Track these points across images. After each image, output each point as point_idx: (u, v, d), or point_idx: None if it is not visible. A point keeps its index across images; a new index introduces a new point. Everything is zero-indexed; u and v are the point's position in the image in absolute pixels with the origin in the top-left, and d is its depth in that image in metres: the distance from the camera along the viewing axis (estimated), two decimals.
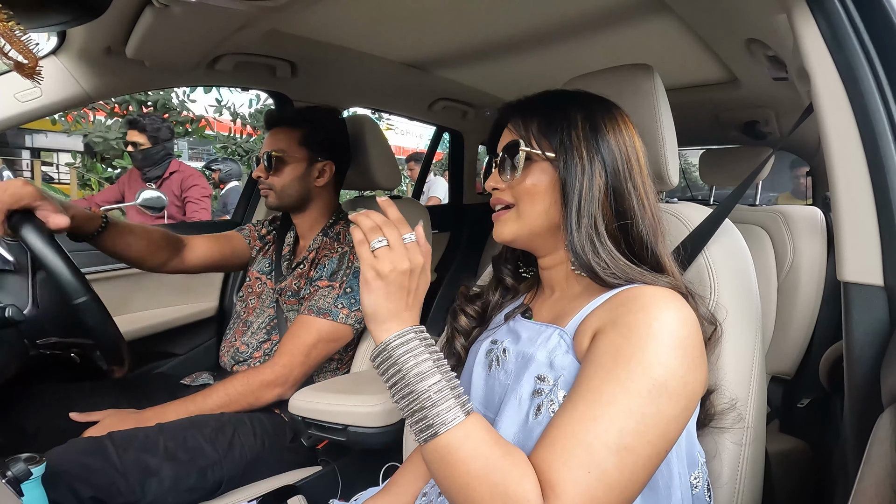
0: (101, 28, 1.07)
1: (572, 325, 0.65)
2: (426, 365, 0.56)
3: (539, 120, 0.69)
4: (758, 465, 0.73)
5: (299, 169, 1.33)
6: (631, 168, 0.67)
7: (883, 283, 0.61)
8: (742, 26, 1.14)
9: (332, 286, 1.23)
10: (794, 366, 1.63)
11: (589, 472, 0.51)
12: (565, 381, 0.61)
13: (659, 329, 0.56)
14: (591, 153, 0.66)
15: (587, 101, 0.71)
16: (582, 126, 0.67)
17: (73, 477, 0.89)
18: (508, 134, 0.72)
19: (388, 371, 0.57)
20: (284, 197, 1.33)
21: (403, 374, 0.56)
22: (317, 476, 1.17)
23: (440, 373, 0.56)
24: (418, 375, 0.55)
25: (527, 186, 0.69)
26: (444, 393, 0.55)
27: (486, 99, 2.02)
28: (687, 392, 0.56)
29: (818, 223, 1.66)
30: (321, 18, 1.26)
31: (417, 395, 0.55)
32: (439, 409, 0.54)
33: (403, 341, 0.57)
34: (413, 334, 0.58)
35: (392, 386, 0.57)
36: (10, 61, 0.62)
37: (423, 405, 0.55)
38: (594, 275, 0.64)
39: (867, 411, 0.57)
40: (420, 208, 1.54)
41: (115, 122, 5.62)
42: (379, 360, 0.58)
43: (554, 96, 0.73)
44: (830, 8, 0.63)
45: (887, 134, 0.60)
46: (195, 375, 1.39)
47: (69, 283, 0.92)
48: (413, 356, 0.56)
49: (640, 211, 0.66)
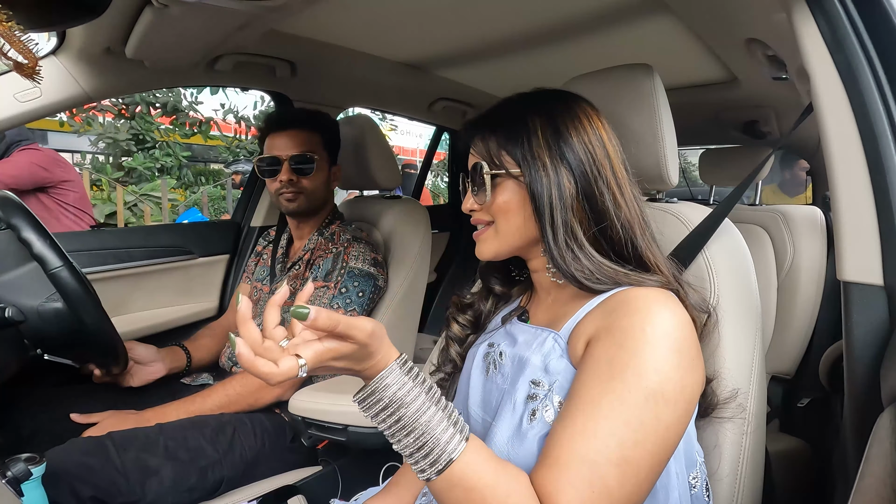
0: (101, 28, 1.07)
1: (566, 329, 0.64)
2: (419, 400, 0.53)
3: (498, 135, 0.67)
4: (758, 459, 0.73)
5: (326, 172, 1.34)
6: (600, 166, 0.64)
7: (883, 283, 0.61)
8: (742, 26, 1.14)
9: (328, 286, 1.23)
10: (793, 365, 1.63)
11: (592, 489, 0.51)
12: (560, 387, 0.61)
13: (653, 334, 0.55)
14: (555, 161, 0.63)
15: (546, 104, 0.68)
16: (542, 133, 0.65)
17: (74, 477, 0.89)
18: (472, 155, 0.70)
19: (379, 415, 0.54)
20: (313, 200, 1.32)
21: (399, 417, 0.53)
22: (317, 476, 1.17)
23: (433, 403, 0.54)
24: (415, 413, 0.52)
25: (499, 205, 0.67)
26: (444, 424, 0.53)
27: (486, 99, 2.02)
28: (685, 396, 0.56)
29: (818, 223, 1.66)
30: (321, 18, 1.26)
31: (419, 433, 0.52)
32: (442, 441, 0.52)
33: (389, 382, 0.53)
34: (397, 369, 0.54)
35: (388, 428, 0.54)
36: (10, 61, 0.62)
37: (426, 441, 0.52)
38: (578, 283, 0.63)
39: (867, 411, 0.57)
40: (420, 208, 1.54)
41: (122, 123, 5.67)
42: (366, 404, 0.54)
43: (511, 105, 0.70)
44: (830, 8, 0.63)
45: (887, 133, 0.60)
46: (195, 375, 1.40)
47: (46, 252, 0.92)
48: (403, 393, 0.53)
49: (615, 209, 0.64)
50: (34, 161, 2.37)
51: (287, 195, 1.29)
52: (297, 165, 1.28)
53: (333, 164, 1.39)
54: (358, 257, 1.26)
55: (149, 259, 1.57)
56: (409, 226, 1.44)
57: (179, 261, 1.64)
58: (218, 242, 1.75)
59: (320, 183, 1.32)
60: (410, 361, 0.56)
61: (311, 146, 1.30)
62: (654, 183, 0.84)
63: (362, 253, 1.27)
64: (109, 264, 1.48)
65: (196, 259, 1.68)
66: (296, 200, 1.30)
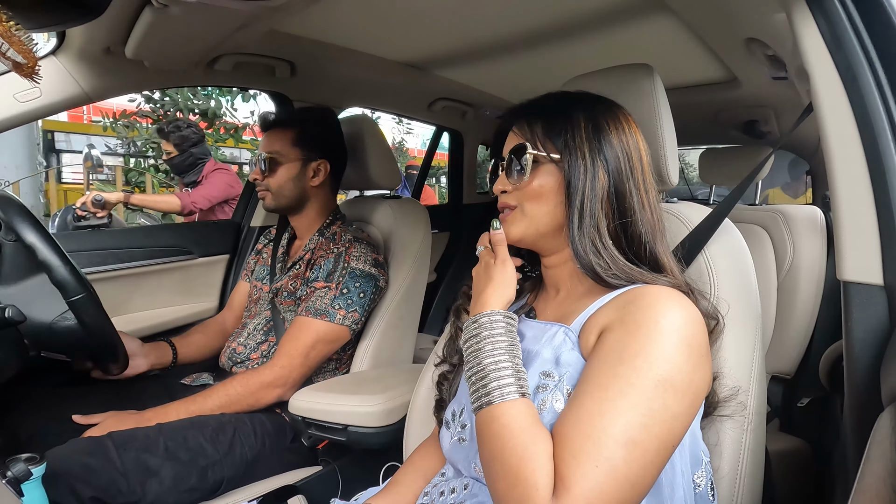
0: (101, 28, 1.07)
1: (578, 323, 0.66)
2: (503, 343, 0.63)
3: (543, 122, 0.70)
4: (758, 457, 0.73)
5: (294, 169, 1.33)
6: (633, 167, 0.68)
7: (883, 283, 0.61)
8: (742, 26, 1.14)
9: (329, 287, 1.23)
10: (793, 365, 1.63)
11: (597, 465, 0.51)
12: (570, 378, 0.62)
13: (665, 326, 0.57)
14: (593, 154, 0.67)
15: (590, 102, 0.72)
16: (585, 127, 0.68)
17: (74, 477, 0.89)
18: (514, 137, 0.73)
19: (467, 343, 0.65)
20: (280, 198, 1.33)
21: (479, 349, 0.63)
22: (317, 476, 1.17)
23: (508, 354, 0.62)
24: (493, 350, 0.62)
25: (534, 188, 0.70)
26: (509, 371, 0.60)
27: (486, 99, 2.01)
28: (692, 389, 0.57)
29: (818, 223, 1.66)
30: (321, 18, 1.26)
31: (486, 365, 0.61)
32: (502, 383, 0.60)
33: (489, 321, 0.64)
34: (500, 317, 0.65)
35: (468, 355, 0.64)
36: (10, 61, 0.62)
37: (488, 374, 0.61)
38: (595, 275, 0.66)
39: (867, 410, 0.57)
40: (420, 208, 1.54)
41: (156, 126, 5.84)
42: (466, 333, 0.65)
43: (556, 98, 0.74)
44: (830, 7, 0.63)
45: (887, 133, 0.60)
46: (195, 376, 1.39)
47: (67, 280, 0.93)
48: (490, 337, 0.63)
49: (640, 210, 0.67)
50: (227, 181, 2.89)
51: (259, 192, 1.36)
52: (265, 164, 1.31)
53: (317, 158, 1.35)
54: (359, 258, 1.26)
55: (149, 259, 1.57)
56: (408, 226, 1.44)
57: (179, 261, 1.64)
58: (218, 242, 1.75)
59: (285, 180, 1.32)
60: (514, 321, 0.66)
61: (279, 145, 1.32)
62: (656, 182, 0.84)
63: (363, 253, 1.27)
64: (109, 264, 1.48)
65: (196, 259, 1.68)
66: (266, 198, 1.35)
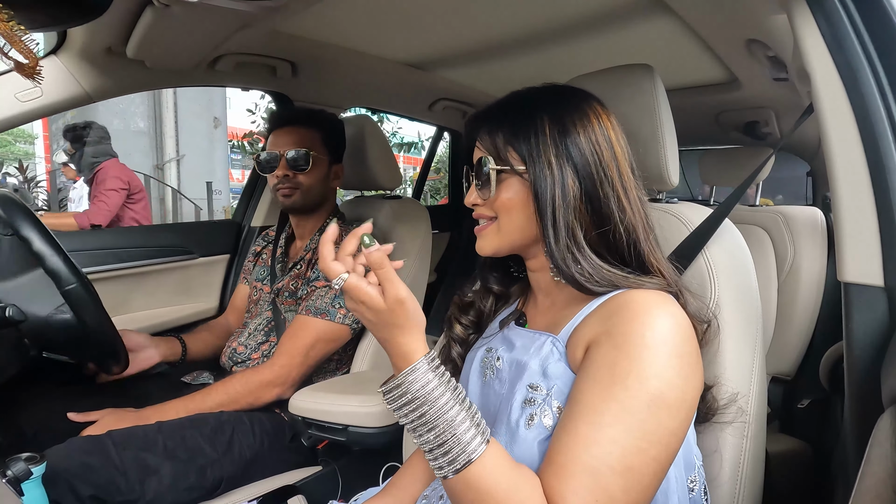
0: (102, 28, 1.07)
1: (565, 333, 0.64)
2: (444, 398, 0.54)
3: (506, 129, 0.66)
4: (758, 462, 0.73)
5: (324, 169, 1.34)
6: (606, 167, 0.63)
7: (883, 284, 0.61)
8: (742, 26, 1.14)
9: (329, 287, 1.23)
10: (794, 366, 1.63)
11: (596, 498, 0.50)
12: (559, 391, 0.60)
13: (653, 339, 0.55)
14: (560, 160, 0.62)
15: (555, 100, 0.67)
16: (549, 130, 0.63)
17: (73, 476, 0.89)
18: (477, 150, 0.69)
19: (401, 411, 0.55)
20: (309, 197, 1.32)
21: (423, 413, 0.54)
22: (317, 476, 1.17)
23: (454, 400, 0.54)
24: (439, 410, 0.53)
25: (503, 202, 0.66)
26: (466, 424, 0.53)
27: (486, 99, 2.00)
28: (686, 403, 0.56)
29: (818, 224, 1.66)
30: (321, 18, 1.26)
31: (441, 430, 0.53)
32: (463, 441, 0.52)
33: (415, 378, 0.54)
34: (424, 365, 0.55)
35: (410, 423, 0.55)
36: (11, 61, 0.62)
37: (447, 439, 0.53)
38: (577, 284, 0.62)
39: (867, 412, 0.57)
40: (420, 208, 1.54)
41: None
42: (391, 396, 0.55)
43: (520, 98, 0.69)
44: (830, 8, 0.63)
45: (887, 134, 0.60)
46: (195, 374, 1.39)
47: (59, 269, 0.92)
48: (429, 390, 0.54)
49: (619, 212, 0.63)
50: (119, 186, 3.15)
51: (284, 191, 1.31)
52: (294, 161, 1.29)
53: (335, 162, 1.39)
54: None
55: (149, 259, 1.57)
56: (408, 225, 1.45)
57: (179, 261, 1.64)
58: (218, 242, 1.75)
59: (317, 180, 1.32)
60: (438, 359, 0.57)
61: (308, 143, 1.31)
62: (655, 183, 0.84)
63: None
64: (109, 264, 1.48)
65: (196, 259, 1.68)
66: (292, 196, 1.31)
